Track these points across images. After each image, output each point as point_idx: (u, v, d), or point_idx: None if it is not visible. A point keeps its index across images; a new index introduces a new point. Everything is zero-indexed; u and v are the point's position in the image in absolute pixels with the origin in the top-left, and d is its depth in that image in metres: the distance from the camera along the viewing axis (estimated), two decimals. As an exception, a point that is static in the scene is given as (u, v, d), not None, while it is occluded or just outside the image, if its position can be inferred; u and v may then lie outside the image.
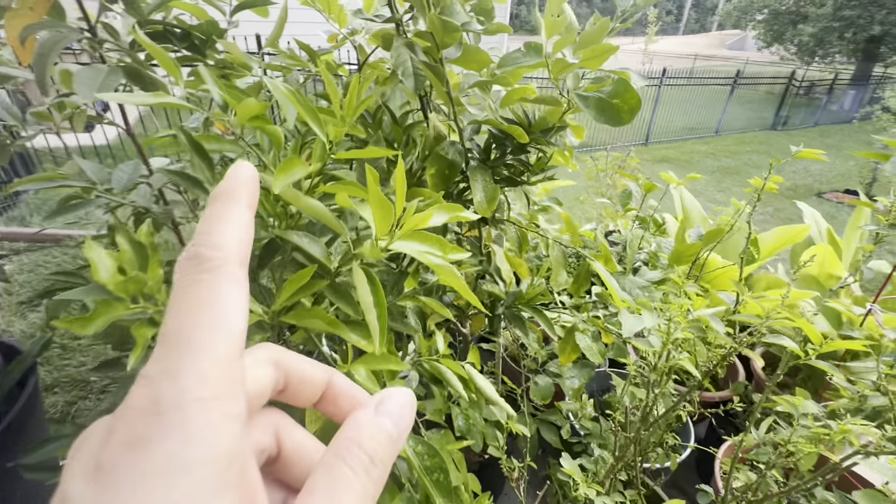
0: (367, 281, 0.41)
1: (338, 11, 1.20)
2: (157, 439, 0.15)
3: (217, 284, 0.17)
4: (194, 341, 0.16)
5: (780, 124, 9.73)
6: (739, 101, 9.35)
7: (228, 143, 0.54)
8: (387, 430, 0.20)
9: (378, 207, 0.32)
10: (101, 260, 0.33)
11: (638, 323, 0.46)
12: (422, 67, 0.77)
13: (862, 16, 12.86)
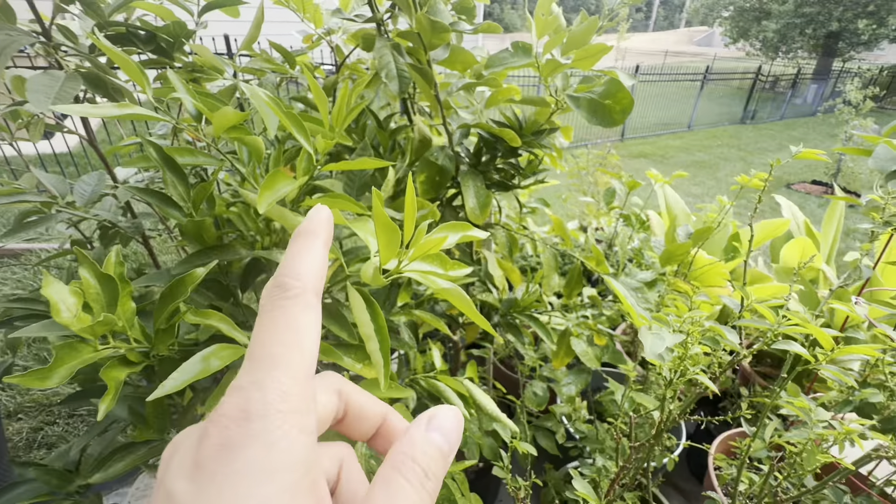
0: (365, 307, 0.37)
1: (313, 11, 1.15)
2: (245, 444, 0.17)
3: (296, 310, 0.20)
4: (277, 359, 0.18)
5: (748, 118, 10.03)
6: (709, 97, 9.61)
7: (203, 155, 0.49)
8: (438, 445, 0.21)
9: (384, 232, 0.29)
10: (63, 298, 0.29)
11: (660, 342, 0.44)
12: (407, 69, 0.74)
13: (821, 12, 13.39)
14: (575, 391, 0.93)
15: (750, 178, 1.07)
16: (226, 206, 0.54)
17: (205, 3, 1.03)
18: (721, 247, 1.68)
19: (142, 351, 0.36)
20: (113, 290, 0.32)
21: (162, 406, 0.44)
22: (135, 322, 0.36)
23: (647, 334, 0.45)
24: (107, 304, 0.32)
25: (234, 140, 0.48)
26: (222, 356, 0.37)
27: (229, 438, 0.17)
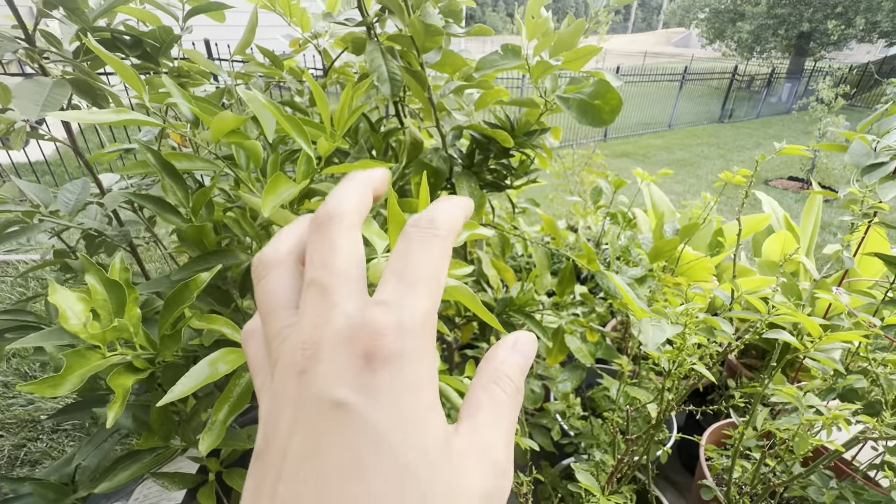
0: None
1: (300, 15, 1.15)
2: (414, 357, 0.18)
3: (441, 250, 0.22)
4: (422, 287, 0.20)
5: (726, 117, 10.27)
6: (688, 96, 9.81)
7: (201, 161, 0.49)
8: (521, 364, 0.24)
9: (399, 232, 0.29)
10: (71, 306, 0.29)
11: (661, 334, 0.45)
12: (399, 72, 0.74)
13: (792, 13, 13.80)
14: (570, 388, 0.94)
15: (732, 175, 1.10)
16: (222, 212, 0.54)
17: (190, 8, 1.02)
18: (706, 242, 1.72)
19: (147, 357, 0.36)
20: (120, 296, 0.32)
21: (166, 413, 0.44)
22: (140, 329, 0.36)
23: (649, 325, 0.47)
24: (114, 311, 0.31)
25: (233, 144, 0.47)
26: (229, 360, 0.37)
27: (392, 352, 0.18)
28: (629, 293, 0.50)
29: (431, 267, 0.21)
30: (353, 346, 0.18)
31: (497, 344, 0.25)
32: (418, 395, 0.18)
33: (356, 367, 0.18)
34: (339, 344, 0.18)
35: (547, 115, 0.95)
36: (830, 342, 0.53)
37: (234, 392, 0.42)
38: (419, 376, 0.18)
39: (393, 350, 0.18)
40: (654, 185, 1.83)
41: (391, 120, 1.03)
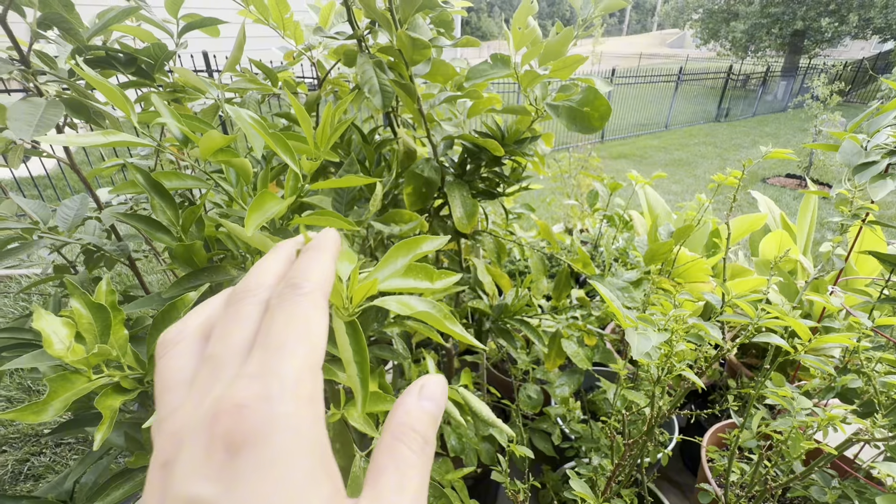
0: (345, 331, 0.38)
1: (293, 28, 1.16)
2: (272, 431, 0.17)
3: (308, 306, 0.21)
4: (289, 348, 0.19)
5: (722, 116, 10.30)
6: (684, 97, 9.85)
7: (190, 179, 0.50)
8: (431, 412, 0.22)
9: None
10: (55, 330, 0.29)
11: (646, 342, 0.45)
12: (390, 84, 0.75)
13: (786, 12, 13.87)
14: (568, 392, 0.94)
15: (726, 175, 1.11)
16: (215, 227, 0.55)
17: (184, 25, 1.03)
18: (702, 243, 1.72)
19: (136, 377, 0.36)
20: (105, 318, 0.32)
21: (158, 431, 0.44)
22: (128, 349, 0.36)
23: (634, 334, 0.47)
24: (100, 334, 0.32)
25: (222, 163, 0.48)
26: (219, 378, 0.37)
27: (254, 427, 0.16)
28: (614, 301, 0.51)
29: (299, 326, 0.20)
30: (214, 429, 0.17)
31: (405, 391, 0.23)
32: (291, 469, 0.16)
33: (216, 454, 0.16)
34: (200, 429, 0.17)
35: (540, 121, 0.95)
36: (820, 344, 0.53)
37: (225, 408, 0.42)
38: (292, 446, 0.17)
39: (256, 426, 0.16)
40: (650, 188, 1.84)
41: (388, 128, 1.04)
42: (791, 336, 1.10)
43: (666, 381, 0.54)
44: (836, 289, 1.08)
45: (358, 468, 0.44)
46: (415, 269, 0.42)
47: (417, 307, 0.39)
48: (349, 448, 0.45)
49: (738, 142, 8.33)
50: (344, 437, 0.45)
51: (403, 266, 0.42)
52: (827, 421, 0.63)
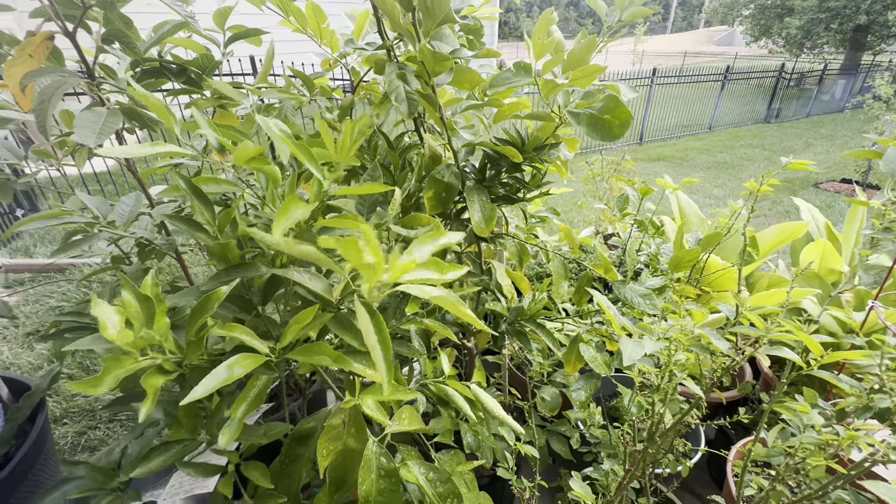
0: (369, 318, 0.41)
1: (329, 37, 1.22)
2: None
3: None
4: None
5: (772, 117, 9.77)
6: (731, 96, 9.40)
7: (226, 183, 0.55)
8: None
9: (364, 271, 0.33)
10: (108, 317, 0.34)
11: (639, 350, 0.46)
12: (415, 93, 0.79)
13: (847, 6, 12.96)
14: (584, 396, 0.94)
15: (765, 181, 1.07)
16: (248, 226, 0.60)
17: (230, 35, 1.12)
18: (737, 251, 1.66)
19: (176, 361, 0.41)
20: (150, 308, 0.37)
21: (193, 409, 0.49)
22: (169, 335, 0.41)
23: (627, 342, 0.48)
24: (145, 321, 0.37)
25: (254, 169, 0.53)
26: (245, 364, 0.42)
27: None
28: (609, 309, 0.52)
29: None
30: None
31: None
32: None
33: None
34: None
35: (563, 127, 0.97)
36: (833, 360, 0.52)
37: (251, 392, 0.47)
38: None
39: None
40: (682, 193, 1.79)
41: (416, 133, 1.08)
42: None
43: (666, 390, 0.55)
44: (876, 303, 1.03)
45: (370, 451, 0.48)
46: (429, 262, 0.45)
47: (433, 293, 0.43)
48: (363, 433, 0.49)
49: (789, 144, 7.88)
50: (358, 423, 0.49)
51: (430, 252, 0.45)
52: (848, 440, 0.61)
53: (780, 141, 8.14)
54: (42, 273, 3.06)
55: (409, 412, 0.55)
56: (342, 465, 0.48)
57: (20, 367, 2.20)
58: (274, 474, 0.52)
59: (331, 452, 0.47)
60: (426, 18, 0.67)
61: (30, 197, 3.89)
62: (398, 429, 0.53)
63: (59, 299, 2.78)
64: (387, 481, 0.47)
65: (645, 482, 1.15)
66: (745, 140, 8.23)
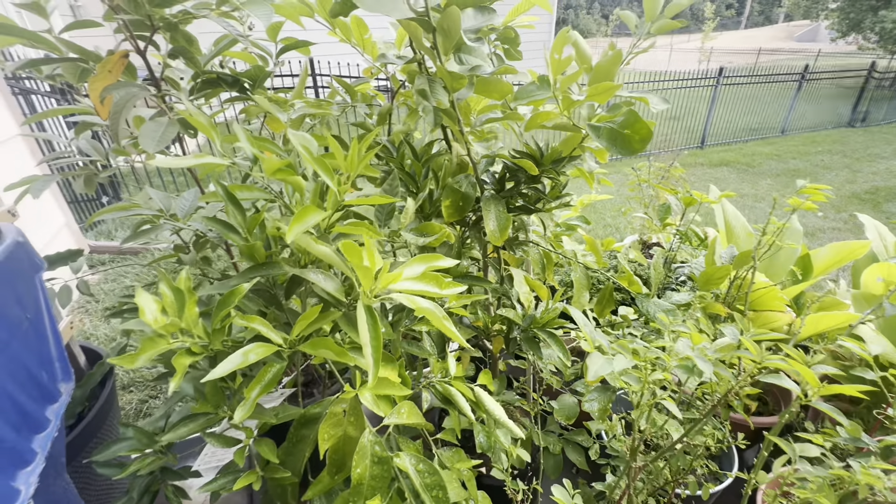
0: (366, 317, 0.46)
1: (371, 47, 1.30)
2: None
3: None
4: None
5: (857, 120, 8.89)
6: (809, 98, 8.64)
7: (258, 191, 0.62)
8: None
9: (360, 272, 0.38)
10: (147, 305, 0.41)
11: (606, 366, 0.47)
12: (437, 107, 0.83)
13: (959, -4, 11.50)
14: (598, 407, 0.94)
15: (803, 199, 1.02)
16: (276, 229, 0.67)
17: (281, 46, 1.22)
18: (786, 269, 1.56)
19: (202, 345, 0.49)
20: (182, 299, 0.44)
21: (216, 387, 0.57)
22: (198, 323, 0.48)
23: (597, 358, 0.49)
24: (178, 310, 0.44)
25: (281, 180, 0.59)
26: (258, 352, 0.48)
27: None
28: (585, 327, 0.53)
29: None
30: None
31: None
32: None
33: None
34: None
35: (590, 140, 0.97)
36: (829, 392, 0.50)
37: (265, 377, 0.53)
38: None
39: None
40: (729, 204, 1.71)
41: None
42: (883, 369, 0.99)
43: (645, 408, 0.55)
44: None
45: (366, 440, 0.53)
46: (428, 277, 0.50)
47: (421, 304, 0.47)
48: (361, 421, 0.54)
49: (875, 151, 7.15)
50: (357, 412, 0.54)
51: (421, 272, 0.50)
52: (865, 479, 0.59)
53: (866, 147, 7.40)
54: (120, 255, 3.42)
55: (408, 407, 0.59)
56: (341, 449, 0.53)
57: (98, 338, 2.48)
58: (282, 452, 0.58)
59: (331, 437, 0.53)
60: (444, 39, 0.71)
61: (114, 186, 4.33)
62: (397, 421, 0.57)
63: (132, 279, 3.09)
64: (380, 468, 0.52)
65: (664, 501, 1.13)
66: (822, 146, 7.56)
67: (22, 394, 0.67)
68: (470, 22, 0.78)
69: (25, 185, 1.09)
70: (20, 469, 0.63)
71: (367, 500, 0.48)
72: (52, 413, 0.73)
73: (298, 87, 0.96)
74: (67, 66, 0.98)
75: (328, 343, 0.52)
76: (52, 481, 0.77)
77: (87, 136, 1.27)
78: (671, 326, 0.62)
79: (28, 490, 0.61)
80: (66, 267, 1.38)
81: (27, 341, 0.72)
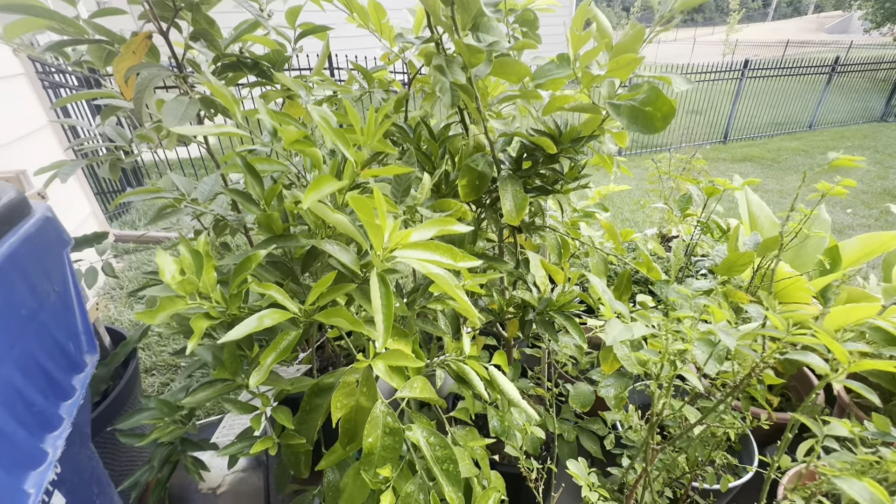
0: (378, 285, 0.46)
1: (389, 32, 1.29)
2: None
3: None
4: None
5: (891, 115, 8.54)
6: (839, 91, 8.33)
7: (277, 163, 0.62)
8: None
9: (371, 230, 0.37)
10: (167, 264, 0.42)
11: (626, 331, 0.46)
12: (455, 83, 0.82)
13: None
14: (613, 394, 0.93)
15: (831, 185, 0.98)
16: (294, 203, 0.67)
17: (300, 32, 1.22)
18: (813, 260, 1.51)
19: (220, 310, 0.49)
20: (200, 262, 0.44)
21: (234, 354, 0.58)
22: (216, 287, 0.49)
23: (615, 323, 0.48)
24: (196, 272, 0.44)
25: (299, 151, 0.60)
26: (273, 317, 0.49)
27: None
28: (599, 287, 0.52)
29: None
30: None
31: None
32: None
33: None
34: None
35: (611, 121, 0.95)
36: (861, 369, 0.48)
37: (280, 344, 0.54)
38: None
39: None
40: (753, 194, 1.66)
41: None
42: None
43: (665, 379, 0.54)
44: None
45: (378, 410, 0.53)
46: (442, 248, 0.49)
47: (432, 270, 0.47)
48: (373, 392, 0.54)
49: (910, 147, 6.87)
50: (370, 383, 0.54)
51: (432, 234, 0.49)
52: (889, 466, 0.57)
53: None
54: (143, 244, 3.51)
55: (421, 382, 0.59)
56: (354, 419, 0.54)
57: (122, 322, 2.55)
58: (296, 421, 0.59)
59: (344, 406, 0.53)
60: (462, 13, 0.70)
61: (138, 178, 4.44)
62: (409, 395, 0.57)
63: (154, 267, 3.17)
64: (391, 438, 0.52)
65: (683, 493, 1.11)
66: (852, 140, 7.29)
67: (50, 362, 0.69)
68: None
69: (54, 169, 1.13)
70: (48, 433, 0.65)
71: (377, 468, 0.48)
72: (78, 382, 0.75)
73: (318, 65, 0.97)
74: (93, 49, 1.01)
75: (343, 312, 0.52)
76: (78, 450, 0.80)
77: (112, 123, 1.30)
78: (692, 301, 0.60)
79: (55, 453, 0.63)
80: (91, 250, 1.42)
81: (55, 313, 0.74)
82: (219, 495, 1.46)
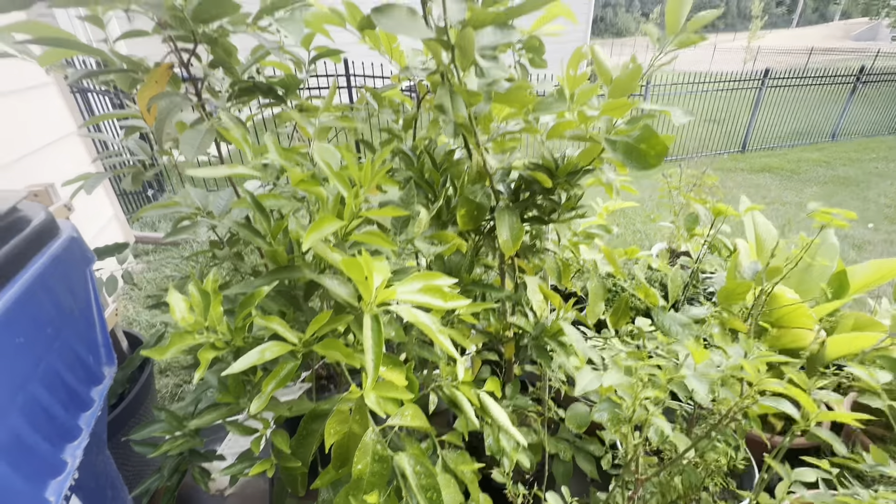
0: (370, 324, 0.50)
1: (399, 56, 1.34)
2: None
3: None
4: None
5: (919, 126, 8.31)
6: (864, 101, 8.13)
7: (283, 199, 0.67)
8: None
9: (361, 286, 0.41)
10: (177, 303, 0.46)
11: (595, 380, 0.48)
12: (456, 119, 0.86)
13: None
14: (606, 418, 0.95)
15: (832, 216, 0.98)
16: (297, 235, 0.71)
17: (314, 55, 1.28)
18: (819, 285, 1.50)
19: (225, 341, 0.53)
20: (208, 299, 0.49)
21: (239, 380, 0.62)
22: (223, 320, 0.53)
23: (586, 372, 0.50)
24: (203, 309, 0.49)
25: (304, 190, 0.64)
26: (273, 350, 0.53)
27: None
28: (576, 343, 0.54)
29: None
30: None
31: None
32: None
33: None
34: None
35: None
36: (825, 419, 0.50)
37: (280, 373, 0.58)
38: None
39: None
40: (760, 216, 1.66)
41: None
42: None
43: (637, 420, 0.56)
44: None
45: (369, 438, 0.57)
46: (432, 290, 0.53)
47: (420, 318, 0.50)
48: (365, 420, 0.58)
49: (938, 160, 6.67)
50: (362, 411, 0.58)
51: (419, 288, 0.53)
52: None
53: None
54: (162, 246, 3.62)
55: (412, 409, 0.62)
56: (346, 445, 0.57)
57: (140, 324, 2.64)
58: (293, 443, 0.63)
59: (337, 433, 0.57)
60: (462, 56, 0.73)
61: (159, 180, 4.58)
62: (400, 423, 0.61)
63: (172, 269, 3.27)
64: (380, 465, 0.55)
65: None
66: (877, 152, 7.12)
67: (71, 376, 0.74)
68: (489, 38, 0.80)
69: (80, 181, 1.19)
70: (68, 443, 0.70)
71: (365, 494, 0.52)
72: (97, 393, 0.80)
73: (328, 101, 1.01)
74: (120, 76, 1.07)
75: (338, 345, 0.56)
76: (95, 457, 0.85)
77: (136, 137, 1.37)
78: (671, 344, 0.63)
79: (74, 462, 0.68)
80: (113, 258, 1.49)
81: (77, 328, 0.80)
82: (226, 497, 1.52)
